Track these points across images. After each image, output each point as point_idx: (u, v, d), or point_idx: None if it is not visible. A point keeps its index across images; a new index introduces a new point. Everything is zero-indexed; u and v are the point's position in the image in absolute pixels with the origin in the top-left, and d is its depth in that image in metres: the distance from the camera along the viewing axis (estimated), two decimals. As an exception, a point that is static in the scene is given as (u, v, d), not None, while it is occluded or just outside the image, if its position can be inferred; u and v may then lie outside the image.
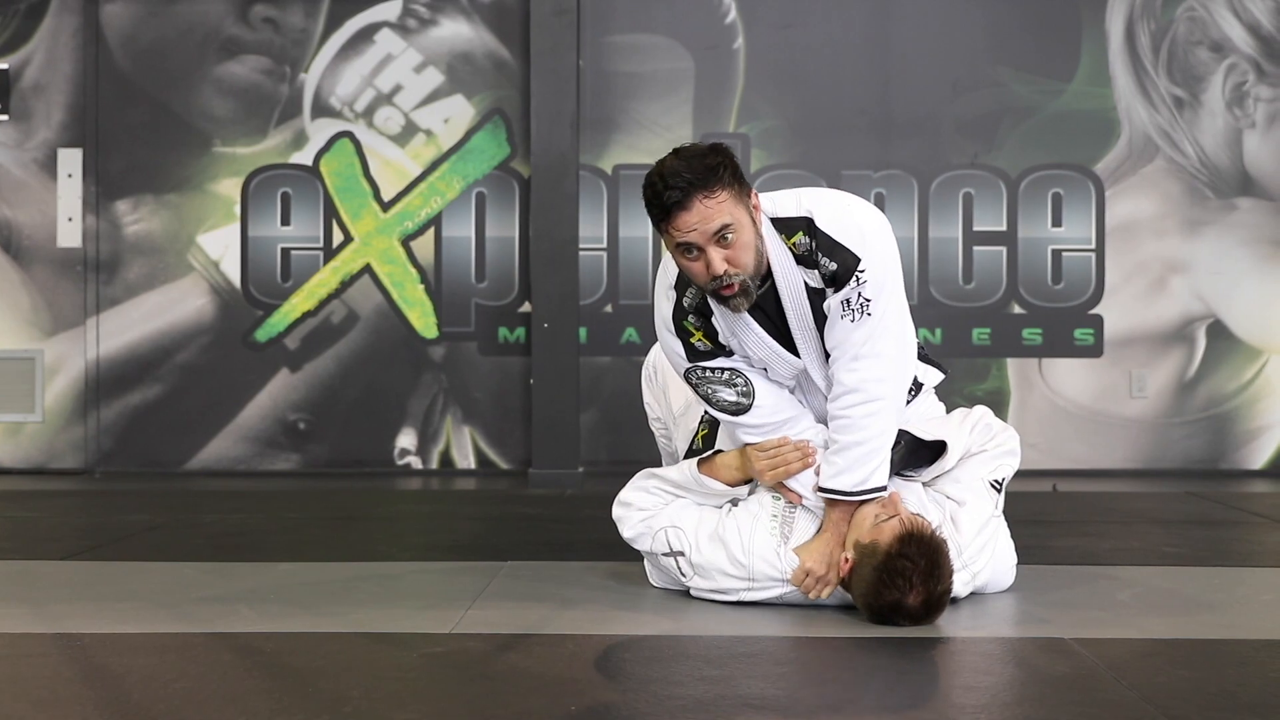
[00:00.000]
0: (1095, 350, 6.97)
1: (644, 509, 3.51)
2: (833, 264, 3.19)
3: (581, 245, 6.83)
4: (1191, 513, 5.40)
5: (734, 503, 3.47)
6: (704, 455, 3.51)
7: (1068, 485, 6.48)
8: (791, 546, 3.35)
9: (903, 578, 3.09)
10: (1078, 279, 6.99)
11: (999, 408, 6.89)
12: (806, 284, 3.24)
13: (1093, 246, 6.98)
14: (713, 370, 3.33)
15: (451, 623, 3.23)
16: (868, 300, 3.20)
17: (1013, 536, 3.60)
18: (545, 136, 6.63)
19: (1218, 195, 6.94)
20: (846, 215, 3.22)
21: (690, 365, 3.35)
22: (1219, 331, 6.95)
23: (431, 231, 7.03)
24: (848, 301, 3.20)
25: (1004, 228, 6.98)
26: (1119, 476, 6.87)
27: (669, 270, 3.36)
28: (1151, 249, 6.97)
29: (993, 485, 3.48)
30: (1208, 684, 2.71)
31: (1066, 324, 6.98)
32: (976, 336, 6.98)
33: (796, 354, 3.33)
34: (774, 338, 3.30)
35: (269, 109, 7.02)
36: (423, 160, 7.02)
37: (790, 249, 3.22)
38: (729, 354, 3.34)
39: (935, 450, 3.47)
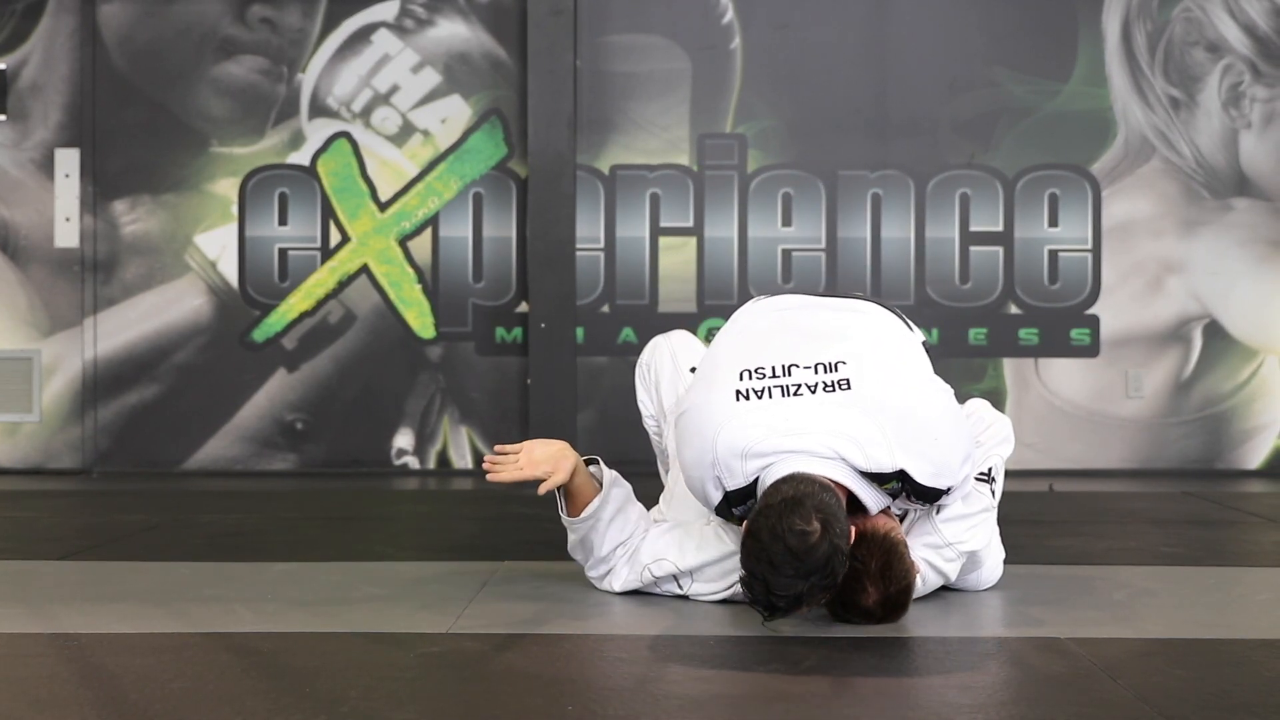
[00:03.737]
0: (1092, 350, 6.98)
1: (608, 570, 3.54)
2: (924, 502, 3.23)
3: (579, 245, 6.84)
4: (1188, 512, 5.40)
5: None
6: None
7: (1064, 485, 6.48)
8: None
9: (854, 578, 3.09)
10: (1074, 279, 6.99)
11: (995, 408, 6.87)
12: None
13: (1089, 247, 6.99)
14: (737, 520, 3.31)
15: (448, 622, 3.23)
16: (960, 498, 3.31)
17: (1010, 536, 3.61)
18: (542, 137, 6.64)
19: (1214, 195, 6.95)
20: (938, 456, 3.13)
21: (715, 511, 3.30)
22: (1215, 331, 6.96)
23: (429, 232, 7.03)
24: (939, 508, 3.31)
25: (1000, 228, 6.99)
26: (1115, 476, 6.87)
27: (722, 472, 3.15)
28: (1148, 249, 6.98)
29: (980, 478, 3.46)
30: (1204, 683, 2.71)
31: (1063, 324, 6.98)
32: (973, 337, 6.98)
33: None
34: None
35: (266, 109, 7.02)
36: (420, 160, 7.02)
37: (881, 490, 3.16)
38: None
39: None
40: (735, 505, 3.19)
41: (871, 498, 3.14)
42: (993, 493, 3.46)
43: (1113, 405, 6.98)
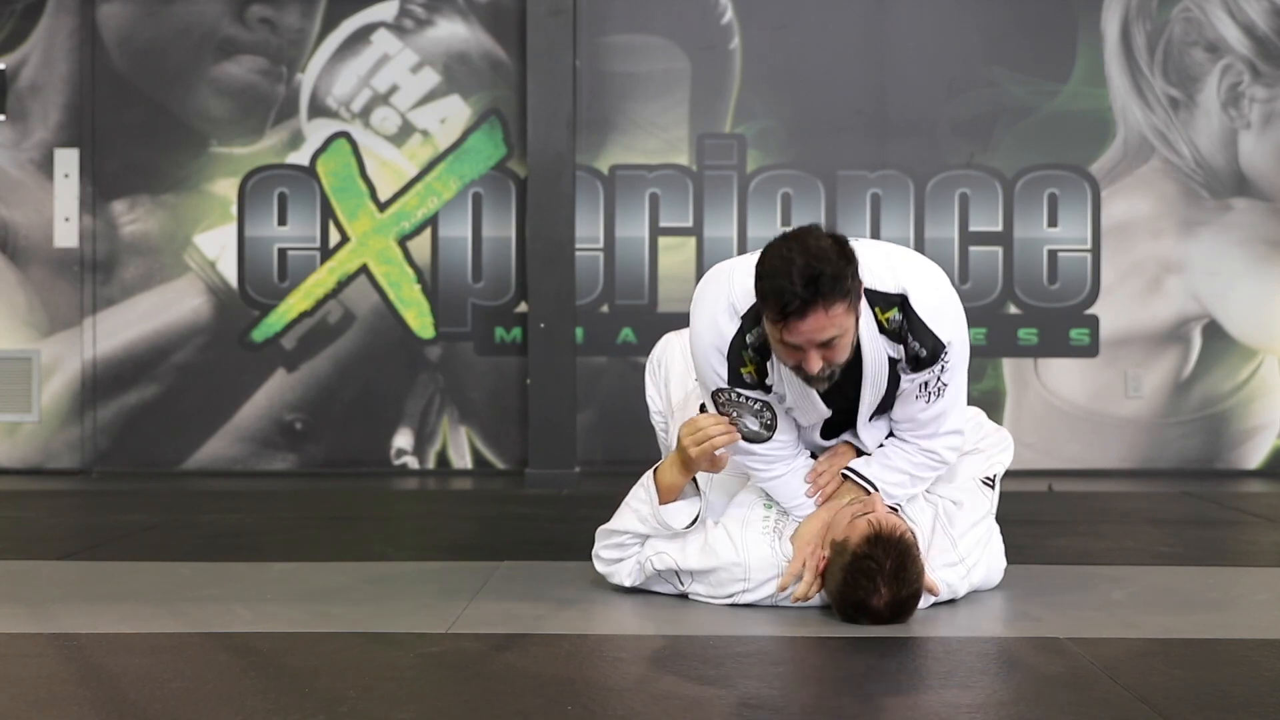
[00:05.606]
0: (1091, 350, 6.98)
1: (623, 557, 3.52)
2: (923, 350, 3.22)
3: (578, 245, 6.83)
4: (1187, 512, 5.41)
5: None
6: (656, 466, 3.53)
7: (1063, 485, 6.48)
8: (784, 542, 3.35)
9: (867, 578, 3.10)
10: (1073, 279, 6.99)
11: (995, 408, 6.90)
12: (889, 356, 3.26)
13: (1088, 247, 6.99)
14: (747, 398, 3.32)
15: (448, 622, 3.24)
16: (945, 385, 3.29)
17: (1008, 536, 3.62)
18: (542, 137, 6.64)
19: (1213, 196, 6.95)
20: (938, 296, 3.25)
21: (725, 387, 3.31)
22: (1214, 331, 6.96)
23: (428, 232, 7.03)
24: (926, 384, 3.28)
25: (1000, 228, 6.99)
26: (1114, 476, 6.87)
27: (737, 295, 3.24)
28: (1147, 249, 6.98)
29: (985, 483, 3.49)
30: (1202, 683, 2.72)
31: (1062, 324, 6.99)
32: (972, 336, 6.96)
33: (828, 406, 3.33)
34: (820, 397, 3.30)
35: (265, 109, 7.02)
36: (419, 160, 7.02)
37: (881, 322, 3.21)
38: (767, 390, 3.32)
39: None
40: (749, 332, 3.22)
41: (869, 332, 3.18)
42: (990, 502, 3.50)
43: (1112, 405, 6.98)
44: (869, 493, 3.36)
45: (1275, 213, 6.95)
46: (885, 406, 3.35)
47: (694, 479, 3.48)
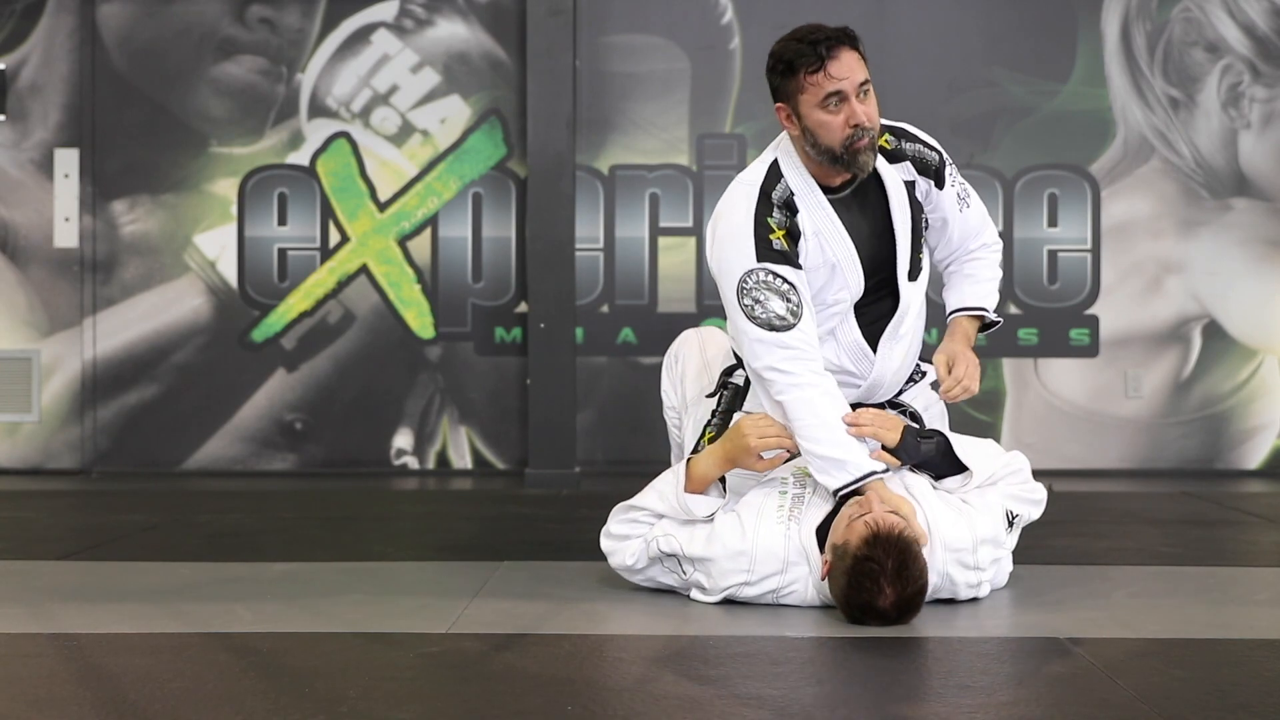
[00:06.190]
0: (1091, 350, 6.98)
1: (632, 535, 3.51)
2: (927, 150, 3.65)
3: (578, 246, 6.83)
4: (1187, 513, 5.41)
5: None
6: (691, 455, 3.53)
7: (1063, 485, 6.48)
8: (804, 529, 3.33)
9: (870, 579, 3.09)
10: (1073, 279, 6.99)
11: (995, 408, 6.90)
12: (903, 180, 3.59)
13: (1088, 247, 6.99)
14: (775, 277, 3.40)
15: (448, 622, 3.24)
16: (966, 188, 3.73)
17: (1008, 536, 3.62)
18: (541, 137, 6.64)
19: (1213, 196, 6.94)
20: (911, 126, 3.70)
21: (754, 266, 3.41)
22: (1214, 332, 6.95)
23: (428, 232, 7.03)
24: (959, 195, 3.69)
25: (1000, 228, 6.98)
26: (1114, 476, 6.87)
27: (748, 178, 3.62)
28: (1147, 249, 6.98)
29: (1008, 515, 3.45)
30: (1203, 683, 2.72)
31: (1062, 324, 6.98)
32: (972, 337, 6.97)
33: (863, 261, 3.50)
34: (854, 241, 3.50)
35: (265, 109, 7.02)
36: (419, 160, 7.02)
37: (882, 146, 3.56)
38: (797, 267, 3.43)
39: (956, 467, 3.46)
40: (771, 191, 3.57)
41: (879, 161, 3.53)
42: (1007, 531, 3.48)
43: (1112, 405, 6.98)
44: (978, 319, 3.79)
45: (1275, 213, 6.95)
46: (917, 269, 3.60)
47: (722, 482, 3.48)
